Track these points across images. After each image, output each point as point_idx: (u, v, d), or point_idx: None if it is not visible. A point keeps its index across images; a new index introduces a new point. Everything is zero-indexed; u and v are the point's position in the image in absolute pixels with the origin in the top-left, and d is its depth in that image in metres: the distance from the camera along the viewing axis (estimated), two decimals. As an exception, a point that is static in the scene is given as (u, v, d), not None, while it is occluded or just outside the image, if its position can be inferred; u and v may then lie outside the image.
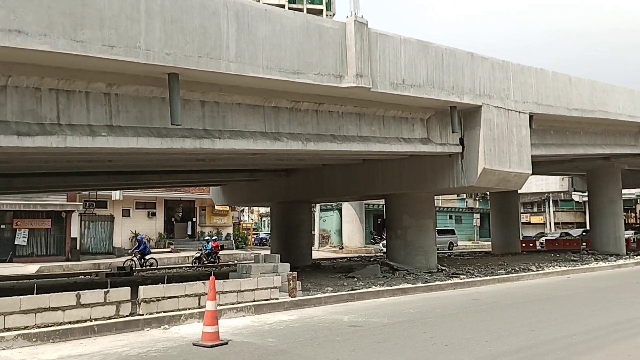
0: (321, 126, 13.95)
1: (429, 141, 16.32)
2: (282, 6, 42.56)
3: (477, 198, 58.21)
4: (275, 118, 13.12)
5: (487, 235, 44.18)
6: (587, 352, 7.41)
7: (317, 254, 33.10)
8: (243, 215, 55.21)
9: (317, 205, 40.15)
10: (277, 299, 11.73)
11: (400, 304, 12.40)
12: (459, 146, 16.62)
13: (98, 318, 9.30)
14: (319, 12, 48.76)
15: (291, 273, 12.60)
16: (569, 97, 19.57)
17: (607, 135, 23.69)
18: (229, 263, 27.66)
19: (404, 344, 8.06)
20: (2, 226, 29.05)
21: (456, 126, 16.04)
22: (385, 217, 21.78)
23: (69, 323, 8.97)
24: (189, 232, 37.75)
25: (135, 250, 25.46)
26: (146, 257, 24.97)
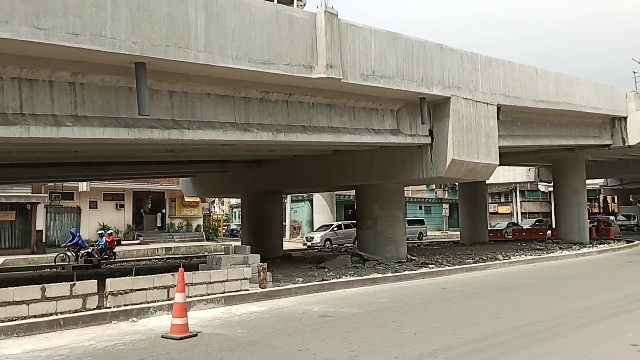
0: (292, 117, 13.92)
1: (399, 132, 16.43)
2: (253, -5, 42.01)
3: (446, 189, 58.97)
4: (245, 109, 13.03)
5: (456, 225, 44.85)
6: (551, 339, 7.60)
7: (288, 245, 33.09)
8: (214, 206, 54.77)
9: (288, 196, 40.13)
10: (248, 290, 11.71)
11: (370, 294, 12.50)
12: (429, 137, 16.78)
13: (64, 311, 9.14)
14: (290, 2, 48.35)
15: (262, 264, 12.58)
16: (536, 89, 19.92)
17: (572, 126, 24.22)
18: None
19: (374, 333, 8.14)
20: (-35, 219, 28.27)
21: (425, 117, 16.18)
22: (356, 208, 21.90)
23: (34, 317, 8.79)
24: (159, 224, 37.30)
25: (68, 244, 23.47)
26: (82, 252, 23.06)
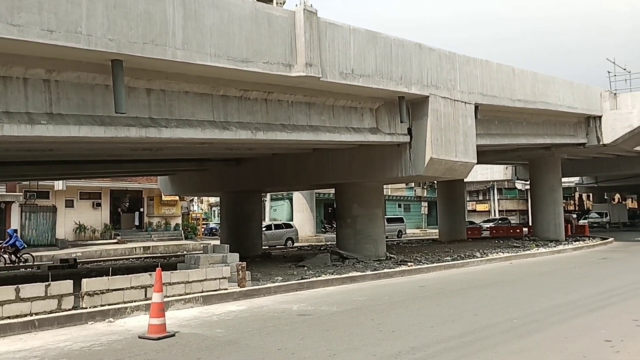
0: (271, 115, 13.88)
1: (378, 131, 16.49)
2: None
3: (425, 187, 59.39)
4: (224, 107, 12.96)
5: (435, 223, 45.22)
6: (527, 335, 7.70)
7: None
8: (192, 205, 54.39)
9: (268, 194, 40.02)
10: (226, 290, 11.66)
11: (349, 292, 12.54)
12: (407, 136, 16.87)
13: (39, 312, 9.00)
14: (269, 0, 48.32)
15: (240, 263, 12.53)
16: (513, 88, 20.16)
17: (548, 125, 24.57)
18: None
19: (352, 332, 8.16)
20: (-64, 218, 27.66)
21: (404, 116, 16.26)
22: (335, 206, 21.93)
23: (8, 318, 8.64)
24: (137, 223, 36.93)
25: (4, 245, 22.49)
26: (20, 253, 22.43)
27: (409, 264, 17.48)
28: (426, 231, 49.37)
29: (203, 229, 44.30)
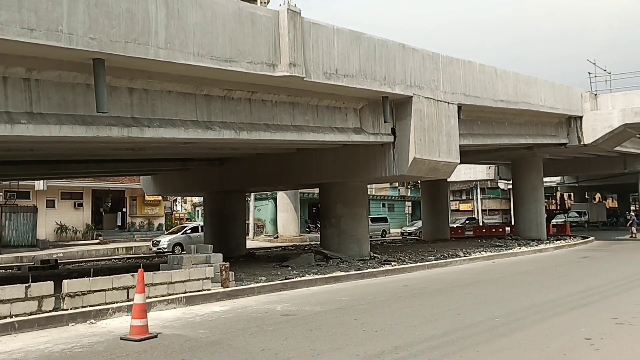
0: (254, 115, 13.84)
1: (362, 131, 16.53)
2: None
3: (409, 186, 59.66)
4: (207, 106, 12.89)
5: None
6: (509, 334, 7.78)
7: (252, 244, 32.96)
8: (176, 205, 54.07)
9: (252, 194, 39.89)
10: (210, 290, 11.60)
11: (333, 292, 12.56)
12: (391, 136, 16.93)
13: (19, 314, 8.88)
14: (253, 0, 48.16)
15: (224, 263, 12.48)
16: (495, 89, 20.33)
17: (530, 126, 24.82)
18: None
19: (336, 331, 8.17)
20: None
21: (388, 116, 16.32)
22: (319, 206, 21.93)
23: (-13, 320, 8.52)
24: (119, 223, 36.63)
25: None
26: None
27: (393, 264, 17.55)
28: (410, 231, 49.48)
29: (186, 229, 44.02)
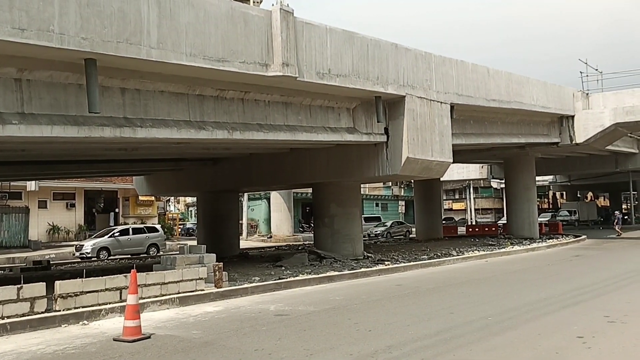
0: (247, 115, 13.82)
1: (355, 130, 16.54)
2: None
3: (402, 186, 59.81)
4: (200, 106, 12.87)
5: (412, 221, 45.44)
6: (501, 333, 7.81)
7: (246, 244, 32.92)
8: (169, 205, 53.93)
9: (245, 194, 39.86)
10: (203, 290, 11.58)
11: (326, 292, 12.56)
12: (384, 135, 16.96)
13: (11, 315, 8.84)
14: (245, 0, 48.07)
15: (217, 264, 12.47)
16: (488, 88, 20.39)
17: (523, 125, 24.92)
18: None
19: (329, 331, 8.18)
20: None
21: (381, 116, 16.34)
22: (313, 206, 21.94)
23: (-21, 322, 8.48)
24: (112, 224, 36.44)
25: None
26: None
27: (386, 263, 17.57)
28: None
29: (180, 230, 43.97)
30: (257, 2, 25.23)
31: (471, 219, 56.04)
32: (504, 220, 42.70)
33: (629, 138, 37.43)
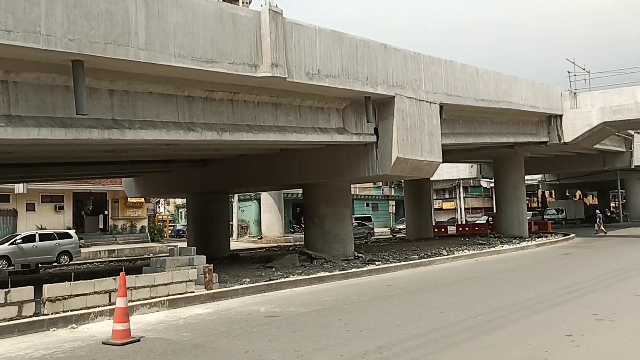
0: (237, 116, 13.79)
1: (345, 131, 16.55)
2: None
3: (393, 186, 59.93)
4: (189, 108, 12.82)
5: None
6: (491, 332, 7.84)
7: (236, 245, 32.84)
8: (159, 206, 53.65)
9: (235, 195, 39.76)
10: (193, 292, 11.53)
11: (317, 293, 12.56)
12: (374, 136, 16.98)
13: (-2, 320, 8.76)
14: (234, 0, 47.93)
15: (207, 265, 12.42)
16: (476, 88, 20.49)
17: (511, 124, 25.05)
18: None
19: (320, 332, 8.18)
20: None
21: (371, 116, 16.36)
22: (303, 206, 21.92)
23: (-34, 327, 8.39)
24: (101, 226, 36.21)
25: None
26: None
27: (377, 263, 17.59)
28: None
29: (169, 231, 43.79)
30: (246, 3, 25.20)
31: (461, 219, 56.22)
32: (485, 219, 43.10)
33: (617, 137, 37.75)
